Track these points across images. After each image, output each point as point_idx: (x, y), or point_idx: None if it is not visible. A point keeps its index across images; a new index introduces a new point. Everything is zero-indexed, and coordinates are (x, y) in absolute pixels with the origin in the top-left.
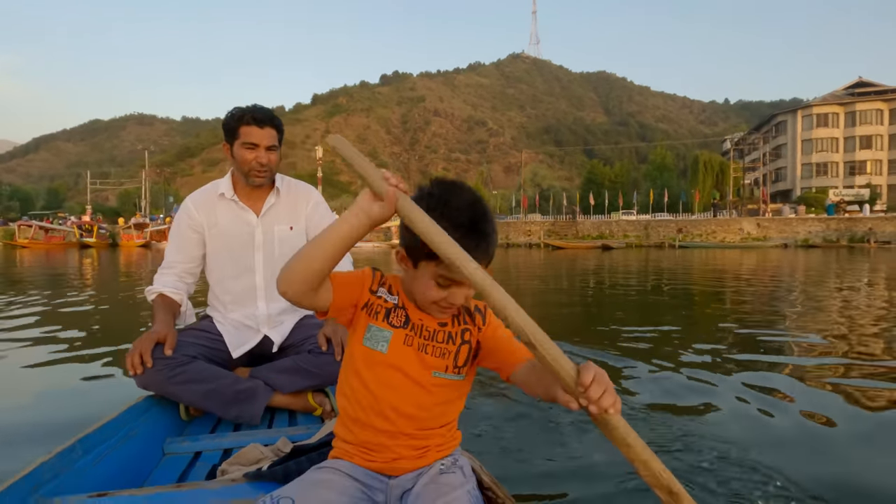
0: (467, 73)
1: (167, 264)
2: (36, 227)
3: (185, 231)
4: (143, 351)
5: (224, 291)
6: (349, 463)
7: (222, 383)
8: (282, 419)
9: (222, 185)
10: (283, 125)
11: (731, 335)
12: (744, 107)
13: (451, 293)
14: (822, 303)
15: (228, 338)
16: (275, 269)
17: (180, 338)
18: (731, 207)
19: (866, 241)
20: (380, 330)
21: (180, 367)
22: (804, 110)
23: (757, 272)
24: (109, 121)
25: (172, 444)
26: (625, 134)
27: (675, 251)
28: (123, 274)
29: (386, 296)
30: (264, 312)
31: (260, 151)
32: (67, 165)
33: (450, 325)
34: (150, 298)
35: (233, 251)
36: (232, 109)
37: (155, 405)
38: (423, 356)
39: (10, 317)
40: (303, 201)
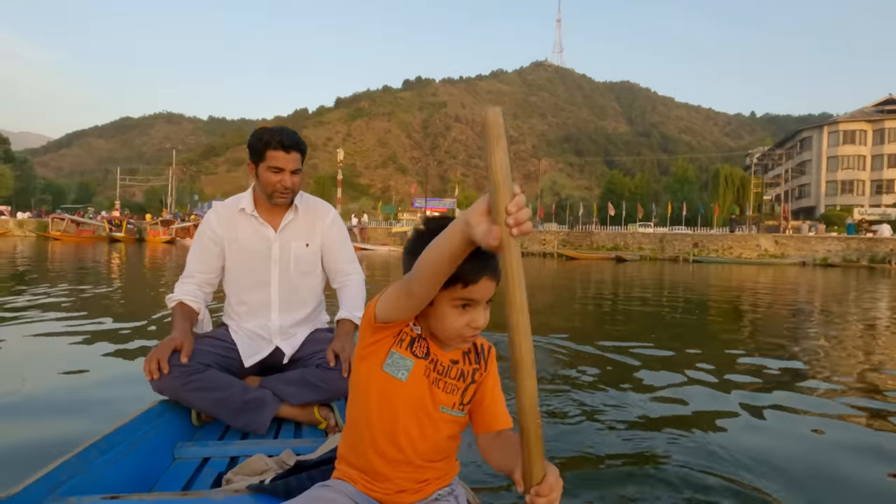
0: (489, 79)
1: (188, 273)
2: (68, 221)
3: (206, 243)
4: (160, 357)
5: (240, 302)
6: (353, 488)
7: (233, 392)
8: (287, 430)
9: (244, 201)
10: (306, 148)
11: (731, 360)
12: (770, 120)
13: (473, 316)
14: (836, 325)
15: (242, 347)
16: (290, 283)
17: (196, 346)
18: (751, 223)
19: (887, 262)
20: (402, 358)
21: (195, 375)
22: (830, 126)
23: (770, 290)
24: (139, 118)
25: (182, 449)
26: (647, 145)
27: (689, 266)
28: (152, 269)
29: (412, 325)
30: (277, 324)
31: (285, 175)
32: (98, 161)
33: (462, 362)
34: (171, 306)
35: (251, 264)
36: (259, 131)
37: (168, 410)
38: (436, 390)
39: (54, 306)
40: (320, 219)
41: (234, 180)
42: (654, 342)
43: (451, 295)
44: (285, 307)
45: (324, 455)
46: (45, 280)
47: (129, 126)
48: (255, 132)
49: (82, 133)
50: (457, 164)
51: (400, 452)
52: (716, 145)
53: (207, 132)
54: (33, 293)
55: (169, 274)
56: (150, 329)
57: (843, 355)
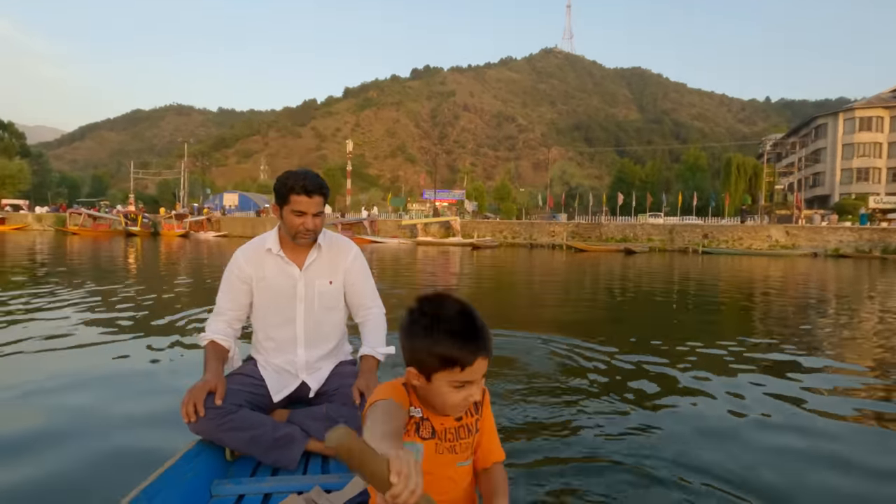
0: (498, 67)
1: (218, 311)
2: (85, 215)
3: (234, 282)
4: (196, 400)
5: (267, 338)
6: None
7: (264, 430)
8: (315, 464)
9: (269, 241)
10: (329, 191)
11: (734, 354)
12: (785, 106)
13: (470, 392)
14: (848, 317)
15: (270, 382)
16: (314, 319)
17: (228, 385)
18: (763, 213)
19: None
20: (412, 444)
21: (228, 416)
22: (846, 113)
23: (779, 282)
24: (150, 111)
25: (219, 487)
26: (658, 132)
27: (698, 257)
28: (173, 263)
29: (413, 411)
30: (303, 359)
31: (307, 218)
32: (110, 154)
33: (465, 417)
34: (203, 344)
35: (277, 302)
36: (284, 175)
37: (204, 449)
38: (453, 456)
39: (82, 306)
40: (342, 257)
41: (244, 172)
42: (658, 340)
43: (449, 377)
44: (311, 342)
45: (354, 498)
46: (75, 280)
47: (140, 118)
48: (279, 176)
49: (95, 126)
50: (466, 153)
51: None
52: (729, 132)
53: (217, 124)
54: (65, 295)
55: (190, 273)
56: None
57: (857, 352)
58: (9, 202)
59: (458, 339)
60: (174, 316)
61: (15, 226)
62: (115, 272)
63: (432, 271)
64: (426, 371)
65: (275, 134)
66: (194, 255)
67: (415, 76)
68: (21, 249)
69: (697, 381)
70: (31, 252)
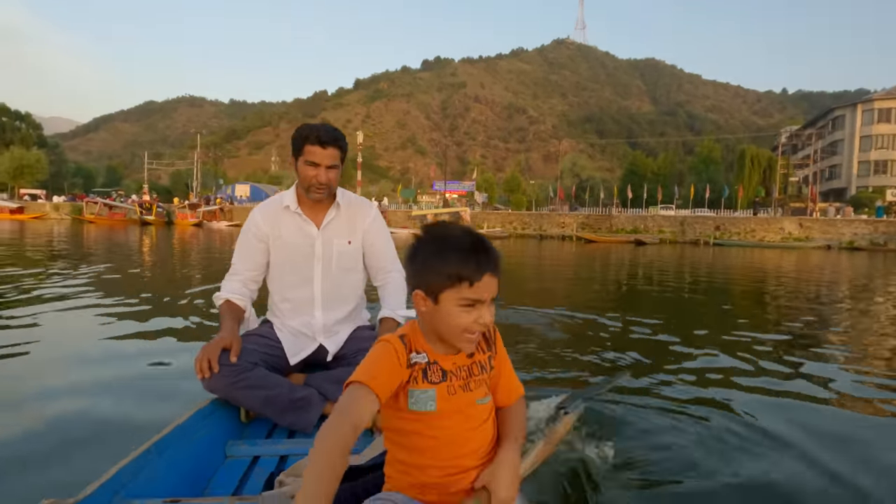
0: (510, 58)
1: (234, 271)
2: (101, 204)
3: (251, 240)
4: (210, 356)
5: (283, 300)
6: (404, 496)
7: (280, 391)
8: None
9: (287, 198)
10: (346, 144)
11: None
12: (802, 97)
13: (480, 314)
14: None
15: (287, 345)
16: (332, 280)
17: (243, 344)
18: (777, 205)
19: None
20: (423, 392)
21: (243, 374)
22: (865, 104)
23: (793, 274)
24: (163, 102)
25: (233, 448)
26: (672, 124)
27: (710, 249)
28: (191, 253)
29: (417, 357)
30: (320, 322)
31: (320, 170)
32: (123, 145)
33: (477, 353)
34: (218, 304)
35: (294, 262)
36: (300, 126)
37: (219, 408)
38: (469, 393)
39: (98, 291)
40: (361, 217)
41: (255, 163)
42: (666, 329)
43: (456, 295)
44: (328, 304)
45: (375, 459)
46: (95, 263)
47: (153, 110)
48: (297, 128)
49: (109, 117)
50: (476, 145)
51: (457, 468)
52: (744, 124)
53: (229, 115)
54: (86, 277)
55: (203, 258)
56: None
57: (872, 345)
58: (27, 192)
59: (466, 255)
60: (196, 289)
61: (33, 214)
62: (138, 257)
63: None
64: (433, 292)
65: (286, 125)
66: (208, 243)
67: (425, 67)
68: (43, 237)
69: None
70: (53, 239)
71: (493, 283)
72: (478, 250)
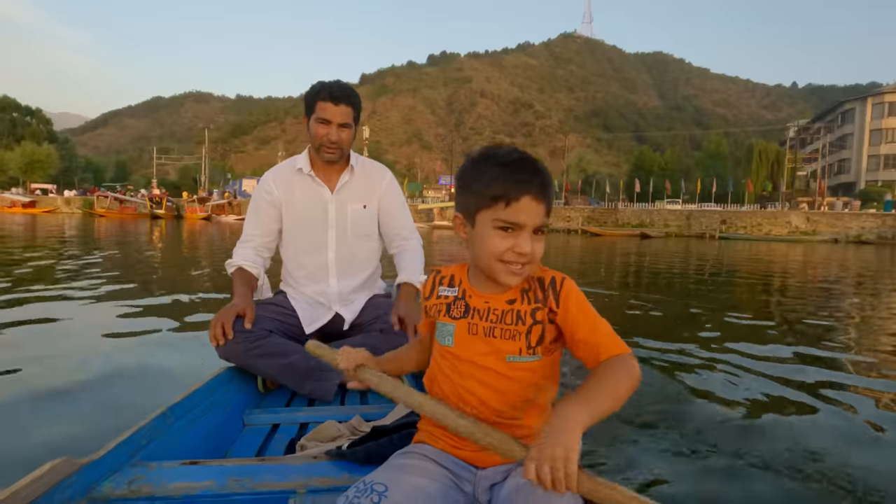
0: (516, 53)
1: (245, 238)
2: (111, 198)
3: (262, 205)
4: (224, 323)
5: (297, 267)
6: (435, 449)
7: (297, 359)
8: (353, 396)
9: (300, 161)
10: (360, 103)
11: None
12: (812, 92)
13: (517, 241)
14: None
15: (302, 314)
16: (347, 246)
17: (258, 312)
18: (785, 199)
19: None
20: (444, 325)
21: (259, 341)
22: (875, 98)
23: (798, 267)
24: (170, 98)
25: (252, 416)
26: (679, 119)
27: (716, 242)
28: (202, 243)
29: (446, 291)
30: (336, 290)
31: (332, 128)
32: (131, 140)
33: (519, 302)
34: (230, 271)
35: (307, 227)
36: (315, 84)
37: (236, 377)
38: (493, 341)
39: (114, 280)
40: (377, 181)
41: (262, 158)
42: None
43: (492, 215)
44: (343, 272)
45: (400, 420)
46: (114, 250)
47: (160, 105)
48: (311, 85)
49: (117, 113)
50: (482, 139)
51: (475, 412)
52: (753, 119)
53: (235, 110)
54: (103, 266)
55: (216, 248)
56: (204, 297)
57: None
58: (37, 186)
59: (505, 171)
60: (205, 270)
61: (45, 209)
62: (153, 247)
63: (448, 251)
64: (471, 213)
65: (292, 120)
66: (218, 235)
67: (431, 62)
68: (61, 229)
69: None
70: (72, 231)
71: (536, 209)
72: (520, 168)
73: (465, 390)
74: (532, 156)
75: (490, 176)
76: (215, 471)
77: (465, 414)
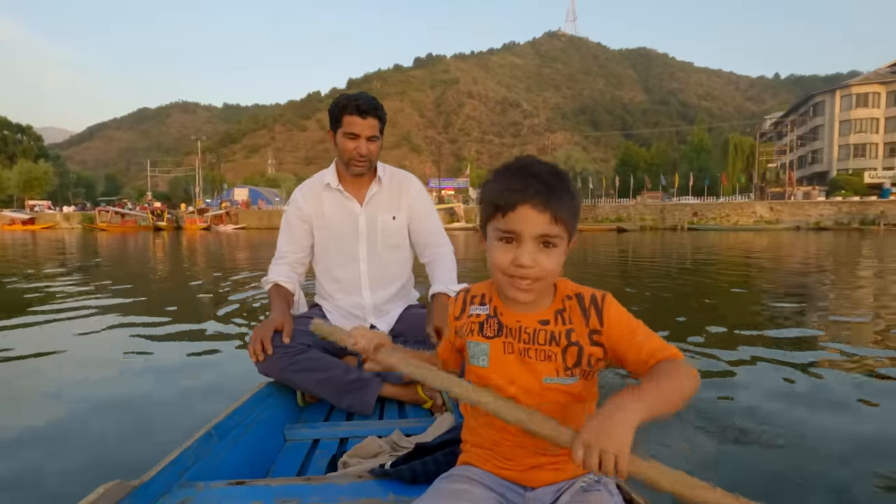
0: (501, 53)
1: (280, 255)
2: (112, 212)
3: (294, 222)
4: (263, 339)
5: (330, 280)
6: (482, 471)
7: (335, 372)
8: (391, 410)
9: (328, 176)
10: (385, 115)
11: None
12: (795, 82)
13: (517, 254)
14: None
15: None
16: (378, 258)
17: (295, 326)
18: (757, 190)
19: (875, 224)
20: (476, 344)
21: (297, 356)
22: (843, 90)
23: (761, 255)
24: (156, 109)
25: (292, 431)
26: (665, 113)
27: (684, 233)
28: (215, 254)
29: (477, 309)
30: (370, 302)
31: (360, 142)
32: (118, 153)
33: (552, 323)
34: (266, 288)
35: (338, 241)
36: (338, 97)
37: (275, 391)
38: (528, 361)
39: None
40: (405, 191)
41: (252, 166)
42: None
43: (494, 225)
44: (376, 283)
45: (444, 437)
46: (132, 269)
47: (146, 117)
48: (335, 99)
49: (103, 126)
50: (471, 141)
51: (514, 435)
52: (738, 111)
53: (223, 119)
54: (129, 282)
55: (224, 255)
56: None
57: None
58: (32, 203)
59: (504, 180)
60: (231, 281)
61: (44, 225)
62: (169, 258)
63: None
64: (483, 225)
65: (280, 128)
66: (222, 244)
67: (417, 65)
68: (69, 245)
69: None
70: (81, 246)
71: (536, 218)
72: (519, 175)
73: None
74: (541, 162)
75: (492, 185)
76: (262, 491)
77: (507, 427)
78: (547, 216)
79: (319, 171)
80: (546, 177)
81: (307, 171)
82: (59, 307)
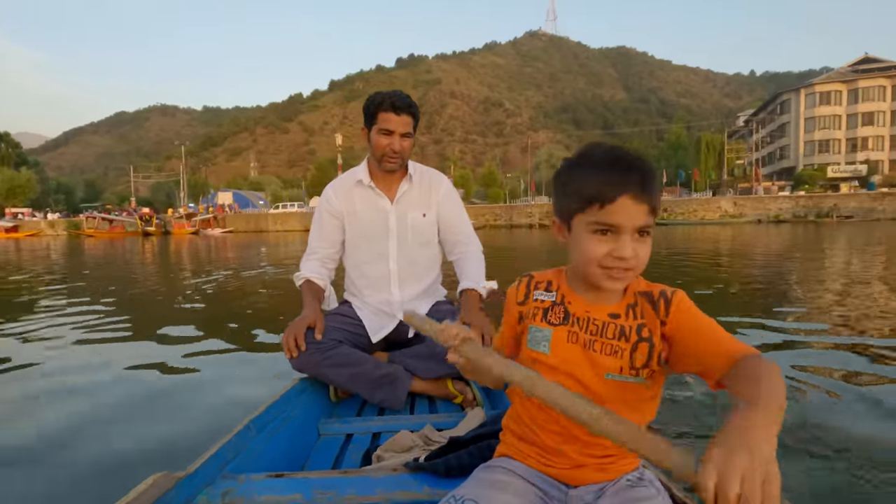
0: (483, 52)
1: (311, 250)
2: (99, 218)
3: (325, 217)
4: (297, 335)
5: (360, 276)
6: (523, 465)
7: (366, 368)
8: (422, 405)
9: (359, 172)
10: (419, 113)
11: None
12: (770, 78)
13: (616, 245)
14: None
15: (368, 323)
16: (408, 255)
17: (327, 322)
18: (727, 186)
19: (830, 217)
20: (539, 330)
21: (329, 351)
22: (807, 89)
23: (726, 246)
24: (134, 112)
25: (326, 426)
26: (645, 111)
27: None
28: (215, 257)
29: (543, 296)
30: (398, 298)
31: (394, 138)
32: (96, 158)
33: (623, 317)
34: (298, 284)
35: (368, 237)
36: (373, 94)
37: (309, 387)
38: (592, 354)
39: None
40: (435, 189)
41: (234, 170)
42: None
43: (587, 218)
44: (405, 280)
45: (477, 431)
46: (140, 273)
47: (124, 121)
48: (368, 97)
49: (80, 130)
50: (454, 141)
51: (563, 429)
52: (715, 107)
53: (203, 122)
54: (146, 286)
55: (219, 259)
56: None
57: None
58: (13, 210)
59: (599, 171)
60: (247, 279)
61: (29, 232)
62: (166, 263)
63: None
64: (567, 217)
65: (262, 130)
66: (213, 248)
67: (400, 65)
68: (60, 252)
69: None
70: (72, 254)
71: (636, 209)
72: (615, 166)
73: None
74: (632, 152)
75: (584, 177)
76: (300, 483)
77: (556, 419)
78: (645, 207)
79: (302, 173)
80: (643, 167)
81: (290, 173)
82: (94, 310)
